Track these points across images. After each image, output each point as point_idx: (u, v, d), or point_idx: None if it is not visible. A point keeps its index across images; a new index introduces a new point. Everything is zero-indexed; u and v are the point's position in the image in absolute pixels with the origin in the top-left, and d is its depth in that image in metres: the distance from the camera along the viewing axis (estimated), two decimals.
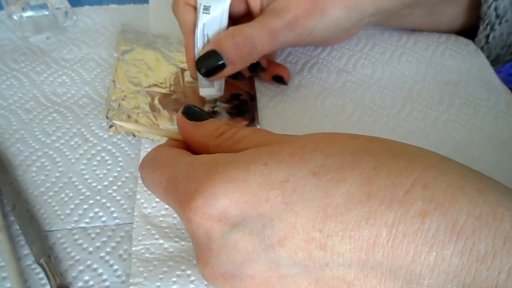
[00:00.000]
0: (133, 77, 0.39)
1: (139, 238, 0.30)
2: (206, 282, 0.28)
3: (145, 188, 0.33)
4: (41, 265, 0.29)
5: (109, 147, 0.37)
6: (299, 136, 0.22)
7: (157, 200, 0.33)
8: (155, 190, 0.25)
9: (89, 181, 0.34)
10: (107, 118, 0.36)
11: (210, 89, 0.36)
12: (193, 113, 0.27)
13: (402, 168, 0.19)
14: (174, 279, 0.28)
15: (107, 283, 0.29)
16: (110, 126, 0.36)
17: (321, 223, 0.19)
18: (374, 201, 0.18)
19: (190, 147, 0.27)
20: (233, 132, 0.24)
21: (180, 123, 0.27)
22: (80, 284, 0.29)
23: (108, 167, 0.35)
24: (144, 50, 0.42)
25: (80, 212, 0.33)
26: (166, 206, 0.32)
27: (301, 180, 0.19)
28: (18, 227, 0.31)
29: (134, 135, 0.36)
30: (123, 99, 0.37)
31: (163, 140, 0.36)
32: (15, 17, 0.44)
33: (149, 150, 0.35)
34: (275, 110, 0.40)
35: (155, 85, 0.39)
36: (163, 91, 0.39)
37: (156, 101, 0.38)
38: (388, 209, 0.18)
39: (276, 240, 0.19)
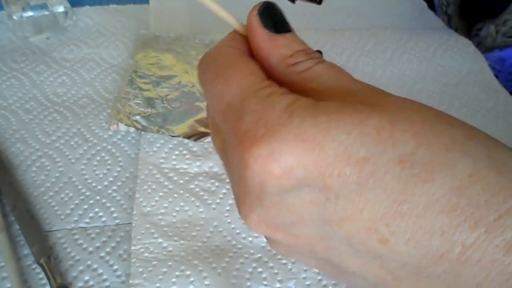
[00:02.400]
0: (146, 79, 0.40)
1: (138, 237, 0.30)
2: (207, 283, 0.28)
3: (145, 187, 0.33)
4: (41, 265, 0.29)
5: (109, 147, 0.37)
6: (388, 101, 0.19)
7: (157, 198, 0.33)
8: (210, 102, 0.21)
9: (89, 181, 0.35)
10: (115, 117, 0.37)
11: None
12: (271, 15, 0.21)
13: (501, 187, 0.16)
14: (173, 279, 0.28)
15: (107, 283, 0.29)
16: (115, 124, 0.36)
17: (391, 218, 0.17)
18: (459, 216, 0.16)
19: (252, 51, 0.22)
20: (308, 65, 0.20)
21: (252, 26, 0.21)
22: (80, 284, 0.29)
23: (108, 167, 0.35)
24: (159, 54, 0.43)
25: (80, 212, 0.33)
26: (166, 204, 0.33)
27: (384, 165, 0.17)
28: (18, 227, 0.31)
29: (135, 129, 0.36)
30: (134, 99, 0.38)
31: (168, 139, 0.36)
32: (15, 17, 0.45)
33: (148, 151, 0.36)
34: None
35: (167, 82, 0.40)
36: (174, 86, 0.40)
37: (167, 97, 0.39)
38: (471, 229, 0.16)
39: (336, 218, 0.18)
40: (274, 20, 0.21)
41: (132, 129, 0.37)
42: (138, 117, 0.37)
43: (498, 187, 0.16)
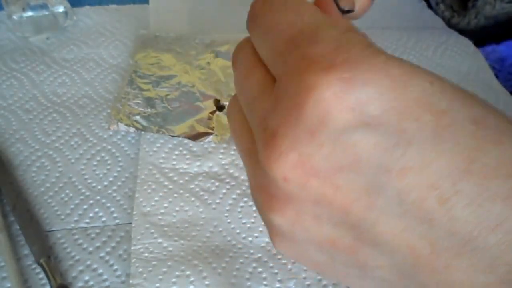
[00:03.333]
0: (146, 79, 0.40)
1: (138, 237, 0.30)
2: (207, 283, 0.28)
3: (145, 187, 0.33)
4: (41, 265, 0.29)
5: (109, 147, 0.37)
6: None
7: (157, 198, 0.33)
8: (271, 31, 0.19)
9: (89, 181, 0.35)
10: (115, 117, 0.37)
11: None
12: None
13: None
14: (173, 279, 0.28)
15: (107, 283, 0.29)
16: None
17: (459, 175, 0.16)
18: None
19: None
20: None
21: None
22: (80, 284, 0.29)
23: (108, 167, 0.35)
24: (158, 54, 0.43)
25: (80, 212, 0.33)
26: (166, 204, 0.33)
27: (460, 121, 0.16)
28: (18, 227, 0.31)
29: (135, 129, 0.37)
30: (134, 99, 0.39)
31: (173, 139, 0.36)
32: (15, 17, 0.45)
33: (148, 151, 0.36)
34: None
35: (167, 82, 0.40)
36: (174, 86, 0.40)
37: (167, 97, 0.39)
38: None
39: (399, 167, 0.16)
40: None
41: (132, 129, 0.37)
42: (138, 117, 0.37)
43: None
